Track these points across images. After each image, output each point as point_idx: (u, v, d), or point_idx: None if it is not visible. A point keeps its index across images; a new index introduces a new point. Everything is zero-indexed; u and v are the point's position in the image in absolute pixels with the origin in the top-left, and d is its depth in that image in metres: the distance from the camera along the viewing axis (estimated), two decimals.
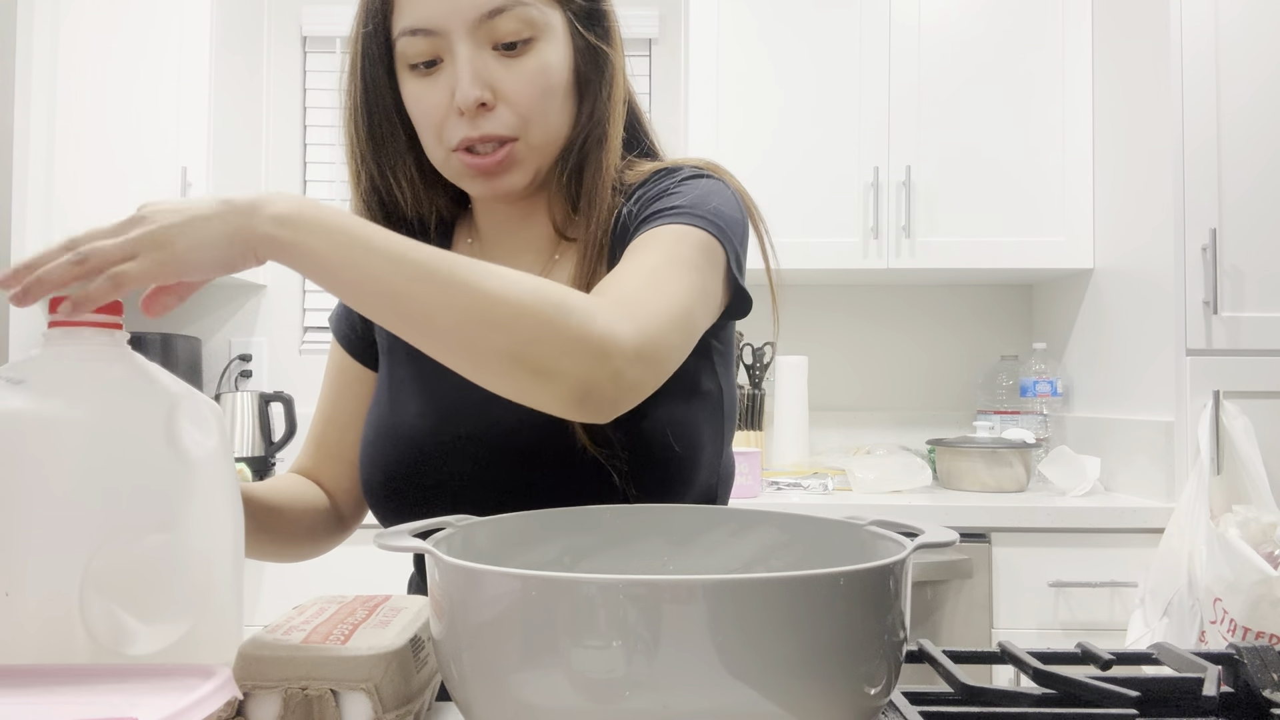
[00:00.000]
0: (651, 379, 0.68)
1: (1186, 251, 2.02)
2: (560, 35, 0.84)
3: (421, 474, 0.85)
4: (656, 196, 0.84)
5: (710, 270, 0.78)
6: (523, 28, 0.81)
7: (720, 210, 0.81)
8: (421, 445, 0.86)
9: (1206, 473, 1.90)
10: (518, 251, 0.91)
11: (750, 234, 0.88)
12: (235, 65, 2.56)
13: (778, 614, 0.44)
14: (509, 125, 0.82)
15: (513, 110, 0.81)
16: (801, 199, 2.37)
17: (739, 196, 0.87)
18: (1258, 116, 2.03)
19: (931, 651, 0.65)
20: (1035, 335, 2.70)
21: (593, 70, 0.87)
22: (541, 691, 0.44)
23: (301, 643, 0.56)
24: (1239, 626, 1.75)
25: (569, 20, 0.85)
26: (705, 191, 0.83)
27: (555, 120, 0.85)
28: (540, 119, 0.83)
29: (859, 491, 2.24)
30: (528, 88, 0.81)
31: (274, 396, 2.54)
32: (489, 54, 0.81)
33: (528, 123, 0.82)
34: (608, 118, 0.87)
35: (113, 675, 0.49)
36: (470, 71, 0.80)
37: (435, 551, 0.50)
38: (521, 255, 0.91)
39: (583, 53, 0.86)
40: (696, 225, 0.78)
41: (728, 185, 0.86)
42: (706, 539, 0.67)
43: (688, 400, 0.85)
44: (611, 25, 0.88)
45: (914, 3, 2.39)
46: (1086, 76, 2.37)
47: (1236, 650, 0.62)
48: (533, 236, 0.92)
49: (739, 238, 0.83)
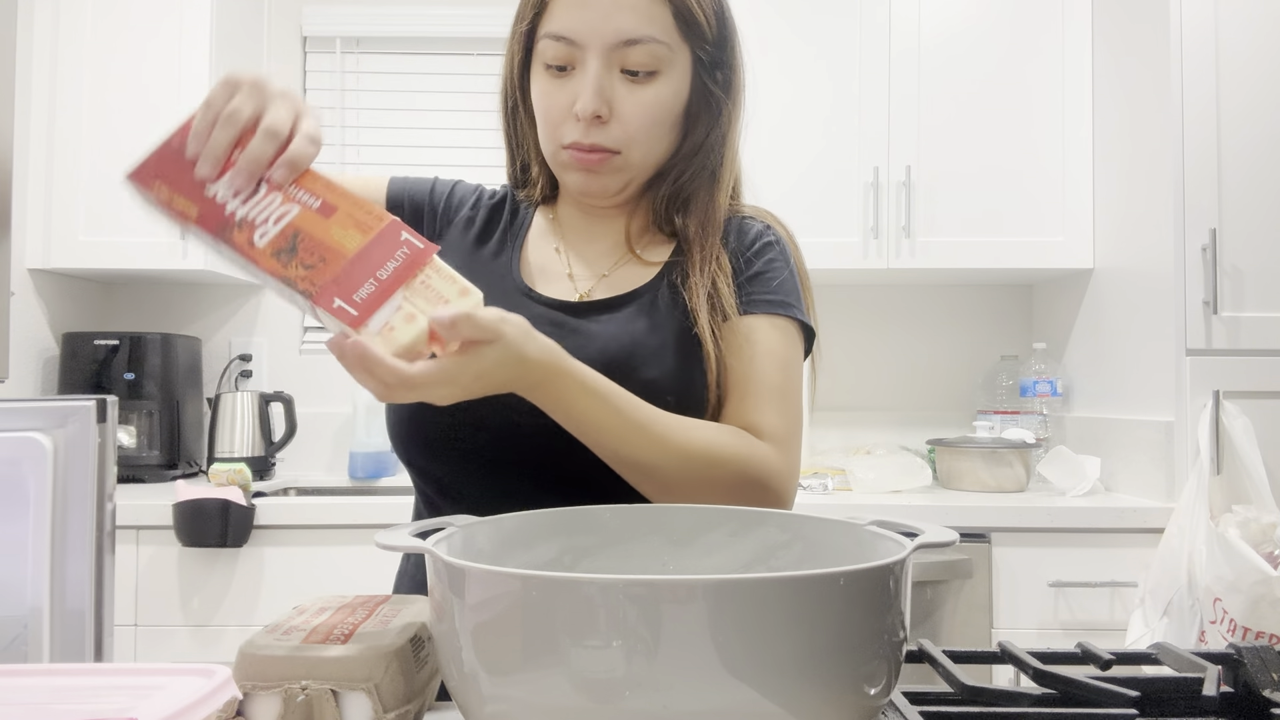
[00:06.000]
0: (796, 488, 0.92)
1: (1186, 251, 2.02)
2: (683, 73, 0.93)
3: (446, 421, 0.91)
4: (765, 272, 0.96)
5: (802, 362, 0.99)
6: (650, 61, 0.90)
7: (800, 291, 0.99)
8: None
9: (1206, 473, 1.90)
10: (590, 241, 1.00)
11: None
12: (235, 65, 2.56)
13: (778, 614, 0.44)
14: (616, 140, 0.91)
15: (623, 129, 0.91)
16: (802, 199, 2.37)
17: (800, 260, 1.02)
18: (1258, 116, 2.03)
19: (931, 651, 0.65)
20: (1035, 335, 2.70)
21: (704, 109, 0.96)
22: (541, 691, 0.44)
23: (301, 643, 0.56)
24: (1239, 626, 1.75)
25: (695, 61, 0.94)
26: (792, 270, 0.99)
27: (658, 147, 0.94)
28: (644, 142, 0.92)
29: (859, 491, 2.24)
30: (641, 114, 0.91)
31: (274, 396, 2.54)
32: (616, 75, 0.90)
33: (632, 142, 0.92)
34: (720, 159, 0.98)
35: (113, 675, 0.49)
36: (595, 87, 0.89)
37: (435, 551, 0.50)
38: (589, 247, 1.00)
39: (699, 92, 0.95)
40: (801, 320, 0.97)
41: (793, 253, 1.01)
42: (706, 539, 0.67)
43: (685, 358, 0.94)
44: (735, 77, 0.98)
45: (914, 3, 2.39)
46: (1086, 76, 2.37)
47: (1236, 650, 0.62)
48: (604, 237, 1.00)
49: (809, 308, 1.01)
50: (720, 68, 0.96)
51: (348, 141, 2.80)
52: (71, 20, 2.38)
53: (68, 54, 2.38)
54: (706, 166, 0.97)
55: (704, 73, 0.95)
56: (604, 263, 0.99)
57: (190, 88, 2.38)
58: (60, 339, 2.47)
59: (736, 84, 0.98)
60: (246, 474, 2.12)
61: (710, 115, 0.97)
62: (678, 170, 0.97)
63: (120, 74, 2.38)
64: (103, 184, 2.37)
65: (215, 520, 1.98)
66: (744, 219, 1.00)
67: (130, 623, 2.02)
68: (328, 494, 2.49)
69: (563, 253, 1.00)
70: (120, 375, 2.40)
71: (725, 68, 0.97)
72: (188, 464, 2.53)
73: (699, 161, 0.97)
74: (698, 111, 0.96)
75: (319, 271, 0.66)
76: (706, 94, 0.96)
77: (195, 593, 2.04)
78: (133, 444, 2.41)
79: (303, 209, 0.68)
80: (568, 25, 0.89)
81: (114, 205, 2.37)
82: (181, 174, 0.70)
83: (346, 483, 2.57)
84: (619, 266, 0.98)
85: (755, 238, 0.98)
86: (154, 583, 2.03)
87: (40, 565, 0.68)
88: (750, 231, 0.99)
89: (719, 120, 0.97)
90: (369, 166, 2.80)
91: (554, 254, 1.01)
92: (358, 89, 2.81)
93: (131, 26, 2.38)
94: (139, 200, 0.72)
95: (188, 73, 2.38)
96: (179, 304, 2.75)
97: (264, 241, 0.68)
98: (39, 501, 0.68)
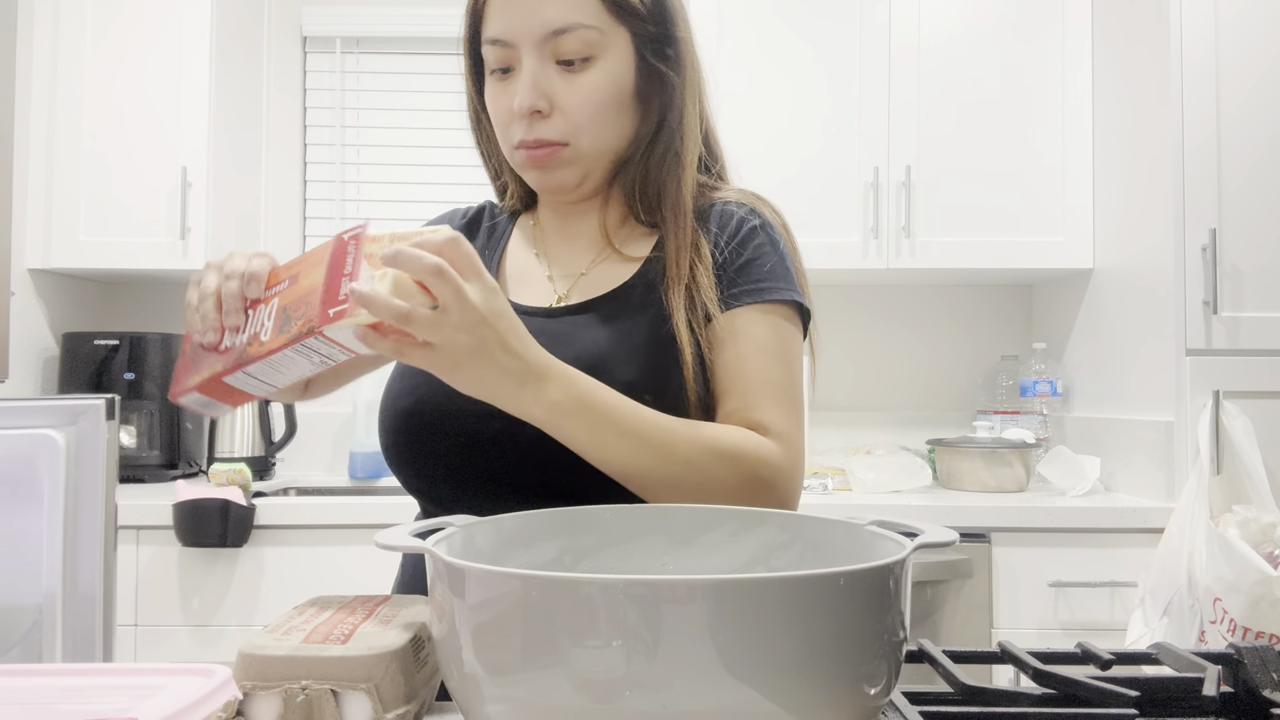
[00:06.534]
0: (801, 484, 0.91)
1: (1186, 251, 2.02)
2: (621, 55, 0.92)
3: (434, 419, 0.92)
4: (754, 259, 0.94)
5: (801, 342, 0.96)
6: (583, 48, 0.90)
7: (794, 272, 0.96)
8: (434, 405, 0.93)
9: (1206, 473, 1.90)
10: (568, 240, 1.00)
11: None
12: (235, 65, 2.56)
13: (778, 614, 0.44)
14: (560, 132, 0.91)
15: (565, 119, 0.91)
16: (801, 199, 2.37)
17: (789, 239, 0.99)
18: (1258, 116, 2.03)
19: (931, 651, 0.65)
20: (1035, 335, 2.70)
21: (655, 89, 0.95)
22: (541, 691, 0.44)
23: (301, 643, 0.56)
24: (1239, 626, 1.75)
25: (635, 41, 0.93)
26: (782, 253, 0.96)
27: (607, 133, 0.93)
28: (590, 130, 0.92)
29: (859, 491, 2.24)
30: (581, 101, 0.90)
31: None
32: (552, 68, 0.90)
33: (578, 131, 0.91)
34: (679, 140, 0.95)
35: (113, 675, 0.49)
36: (530, 82, 0.89)
37: (435, 551, 0.50)
38: (568, 247, 1.00)
39: (645, 72, 0.94)
40: (793, 301, 0.94)
41: (782, 233, 0.98)
42: (706, 539, 0.67)
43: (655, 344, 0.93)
44: (682, 51, 0.96)
45: (914, 3, 2.39)
46: (1086, 76, 2.37)
47: (1236, 650, 0.62)
48: (581, 235, 1.00)
49: (802, 286, 0.98)
50: (665, 43, 0.94)
51: (348, 141, 2.80)
52: (71, 20, 2.38)
53: (68, 54, 2.38)
54: (670, 147, 0.95)
55: (647, 51, 0.94)
56: (582, 261, 0.98)
57: (190, 86, 2.38)
58: (60, 339, 2.47)
59: (687, 58, 0.96)
60: (246, 474, 2.12)
61: (664, 94, 0.95)
62: (641, 154, 0.96)
63: (120, 74, 2.38)
64: (103, 184, 2.37)
65: (215, 520, 1.98)
66: (726, 204, 0.98)
67: (130, 623, 2.02)
68: (328, 494, 2.49)
69: (542, 256, 1.00)
70: (120, 375, 2.41)
71: (671, 43, 0.95)
72: (188, 464, 2.53)
73: (662, 143, 0.95)
74: (649, 92, 0.95)
75: (310, 308, 0.71)
76: (655, 73, 0.94)
77: (195, 593, 2.04)
78: (133, 444, 2.41)
79: (280, 295, 0.75)
80: (500, 28, 0.90)
81: (114, 205, 2.37)
82: (199, 360, 0.80)
83: (346, 483, 2.57)
84: (597, 264, 0.97)
85: (739, 225, 0.95)
86: (154, 583, 2.03)
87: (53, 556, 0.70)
88: (733, 219, 0.96)
89: (673, 98, 0.95)
90: (369, 166, 2.80)
91: (534, 259, 1.01)
92: (358, 89, 2.81)
93: (132, 26, 2.38)
94: (193, 408, 0.82)
95: (188, 72, 2.38)
96: (179, 304, 2.75)
97: (268, 334, 0.74)
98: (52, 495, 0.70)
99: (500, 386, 0.75)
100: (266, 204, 2.78)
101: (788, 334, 0.93)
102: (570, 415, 0.78)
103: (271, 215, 2.78)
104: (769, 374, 0.90)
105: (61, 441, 0.70)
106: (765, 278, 0.93)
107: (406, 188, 2.79)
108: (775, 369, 0.91)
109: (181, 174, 2.36)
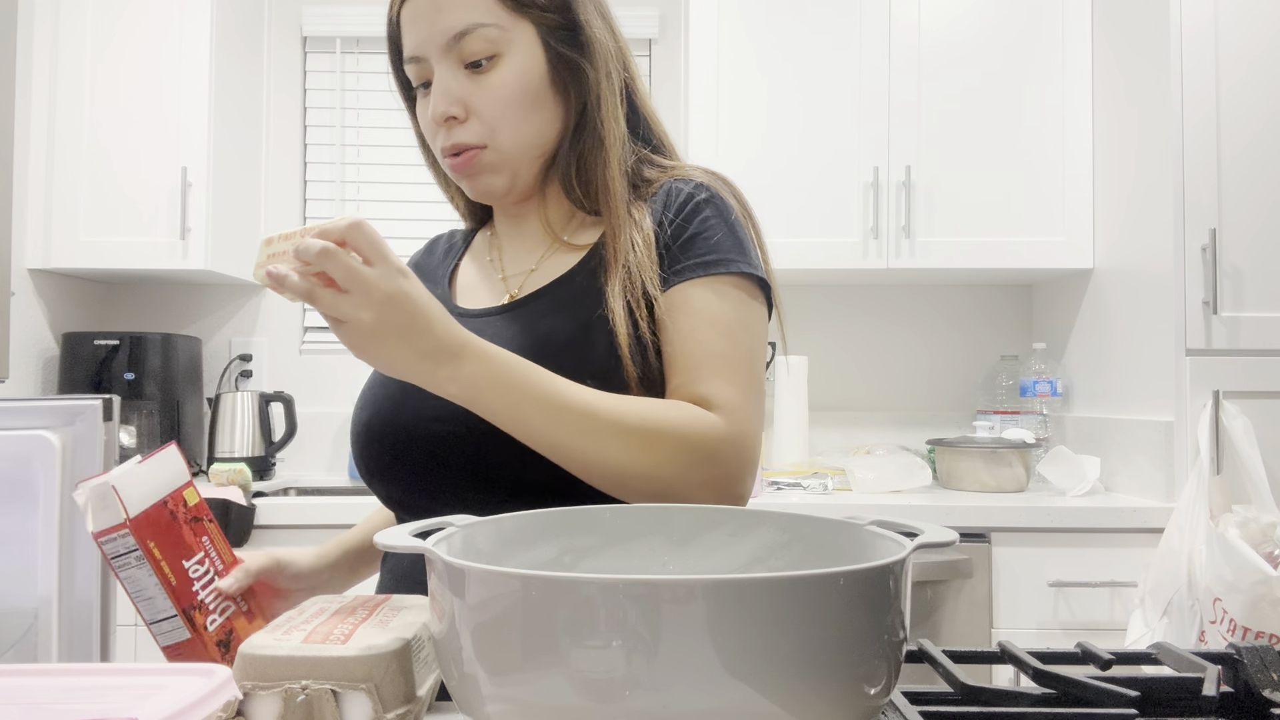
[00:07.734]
0: (756, 460, 0.88)
1: (1186, 251, 2.02)
2: (527, 48, 0.92)
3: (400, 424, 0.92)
4: (700, 233, 0.92)
5: (761, 315, 0.93)
6: (486, 46, 0.90)
7: (751, 244, 0.94)
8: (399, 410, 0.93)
9: (1206, 473, 1.90)
10: (520, 241, 1.01)
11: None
12: (235, 65, 2.56)
13: (778, 614, 0.44)
14: (476, 135, 0.92)
15: (480, 121, 0.91)
16: (801, 199, 2.37)
17: (744, 211, 0.96)
18: (1258, 117, 2.03)
19: (931, 651, 0.65)
20: (1035, 335, 2.70)
21: (570, 78, 0.94)
22: (541, 691, 0.44)
23: (302, 643, 0.56)
24: (1239, 626, 1.75)
25: (541, 32, 0.92)
26: (732, 224, 0.93)
27: (526, 128, 0.93)
28: (508, 128, 0.92)
29: (859, 491, 2.24)
30: (493, 101, 0.91)
31: (274, 397, 2.54)
32: (462, 73, 0.91)
33: (495, 131, 0.92)
34: (600, 127, 0.94)
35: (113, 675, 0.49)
36: (441, 90, 0.91)
37: (435, 551, 0.50)
38: (519, 246, 1.01)
39: (557, 62, 0.93)
40: (746, 272, 0.91)
41: (735, 205, 0.95)
42: (706, 539, 0.67)
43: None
44: (590, 37, 0.94)
45: (914, 3, 2.39)
46: (1086, 76, 2.37)
47: (1236, 650, 0.62)
48: (531, 234, 1.01)
49: (763, 261, 0.96)
50: (572, 29, 0.93)
51: (347, 141, 2.80)
52: (71, 20, 2.38)
53: (68, 54, 2.38)
54: (595, 133, 0.94)
55: (555, 41, 0.93)
56: (532, 258, 0.98)
57: (190, 86, 2.38)
58: (60, 339, 2.47)
59: (596, 42, 0.94)
60: (246, 474, 2.12)
61: (579, 82, 0.94)
62: (569, 145, 0.95)
63: (120, 74, 2.38)
64: (103, 184, 2.37)
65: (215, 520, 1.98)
66: (676, 182, 0.96)
67: (131, 623, 2.02)
68: (328, 494, 2.49)
69: (496, 261, 1.01)
70: (120, 375, 2.41)
71: (578, 28, 0.93)
72: (188, 464, 2.53)
73: (587, 130, 0.95)
74: (564, 81, 0.94)
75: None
76: (567, 62, 0.93)
77: None
78: (133, 444, 2.41)
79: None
80: (410, 45, 0.92)
81: (114, 205, 2.37)
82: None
83: (346, 483, 2.57)
84: (546, 258, 0.97)
85: (685, 200, 0.93)
86: None
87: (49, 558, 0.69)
88: (679, 195, 0.94)
89: (589, 84, 0.94)
90: (369, 166, 2.80)
91: (488, 265, 1.02)
92: (358, 89, 2.81)
93: (132, 26, 2.38)
94: None
95: (188, 72, 2.38)
96: (179, 304, 2.75)
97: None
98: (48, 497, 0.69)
99: (413, 364, 0.75)
100: (266, 204, 2.78)
101: (738, 306, 0.91)
102: (486, 391, 0.77)
103: (271, 215, 2.78)
104: (713, 346, 0.88)
105: (57, 442, 0.69)
106: (711, 250, 0.91)
107: (406, 188, 2.79)
108: (720, 341, 0.88)
109: (181, 174, 2.36)
